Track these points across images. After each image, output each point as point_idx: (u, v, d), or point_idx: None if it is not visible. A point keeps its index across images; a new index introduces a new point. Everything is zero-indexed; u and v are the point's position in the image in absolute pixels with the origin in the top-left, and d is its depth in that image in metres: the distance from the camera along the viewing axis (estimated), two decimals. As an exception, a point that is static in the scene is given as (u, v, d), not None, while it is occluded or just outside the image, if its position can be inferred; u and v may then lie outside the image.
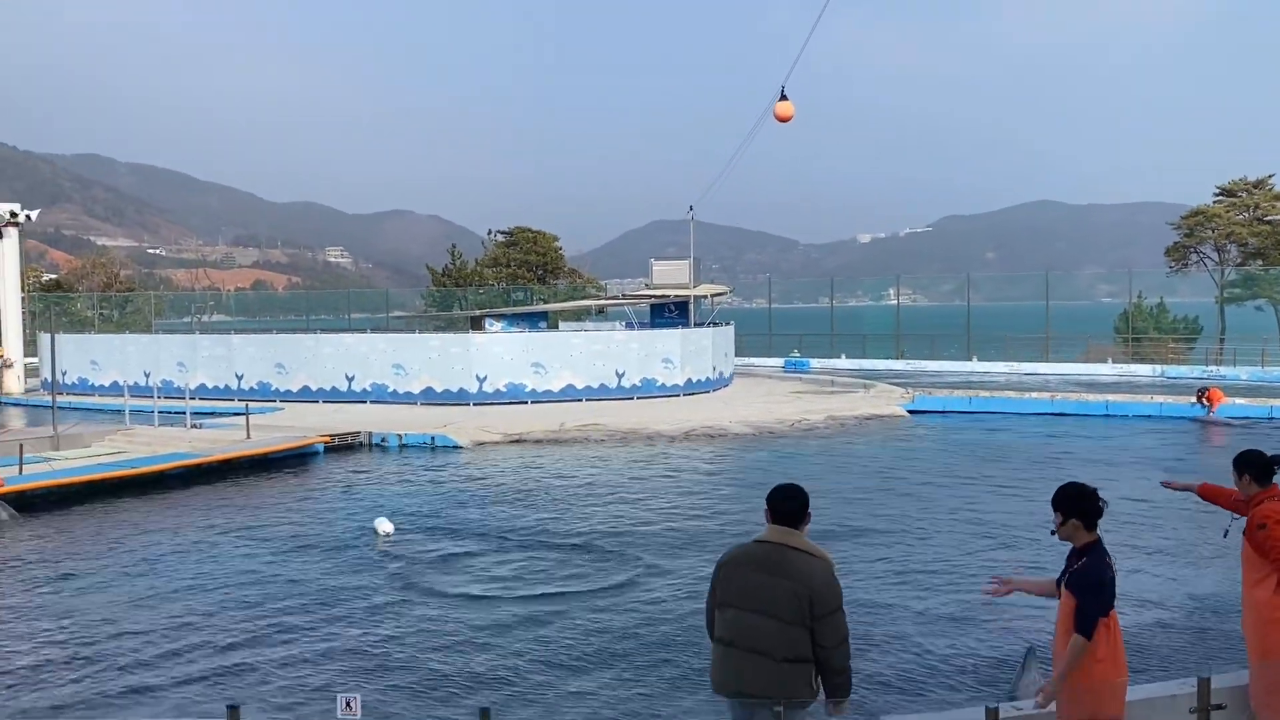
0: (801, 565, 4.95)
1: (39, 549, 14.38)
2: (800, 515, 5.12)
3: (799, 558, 4.98)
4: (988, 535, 14.21)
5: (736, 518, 15.62)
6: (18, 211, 39.47)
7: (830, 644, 4.90)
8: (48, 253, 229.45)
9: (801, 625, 4.87)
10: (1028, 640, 8.84)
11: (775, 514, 5.13)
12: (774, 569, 4.96)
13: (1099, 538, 5.42)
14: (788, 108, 17.09)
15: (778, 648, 4.88)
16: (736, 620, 5.00)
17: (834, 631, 4.91)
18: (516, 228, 66.81)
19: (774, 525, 5.12)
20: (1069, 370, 42.66)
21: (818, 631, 4.88)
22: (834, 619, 4.91)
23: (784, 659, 4.87)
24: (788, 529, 5.08)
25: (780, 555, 5.00)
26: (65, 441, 23.04)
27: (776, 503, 5.15)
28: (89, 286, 69.91)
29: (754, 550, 5.10)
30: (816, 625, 4.88)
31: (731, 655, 5.01)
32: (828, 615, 4.89)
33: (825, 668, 4.94)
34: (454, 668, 9.23)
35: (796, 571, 4.92)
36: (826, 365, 47.51)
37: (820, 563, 5.00)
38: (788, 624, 4.87)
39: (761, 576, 4.97)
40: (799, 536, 5.07)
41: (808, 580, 4.90)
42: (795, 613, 4.86)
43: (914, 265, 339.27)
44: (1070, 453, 22.35)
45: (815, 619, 4.87)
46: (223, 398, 32.66)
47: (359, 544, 14.23)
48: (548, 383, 30.93)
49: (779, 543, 5.04)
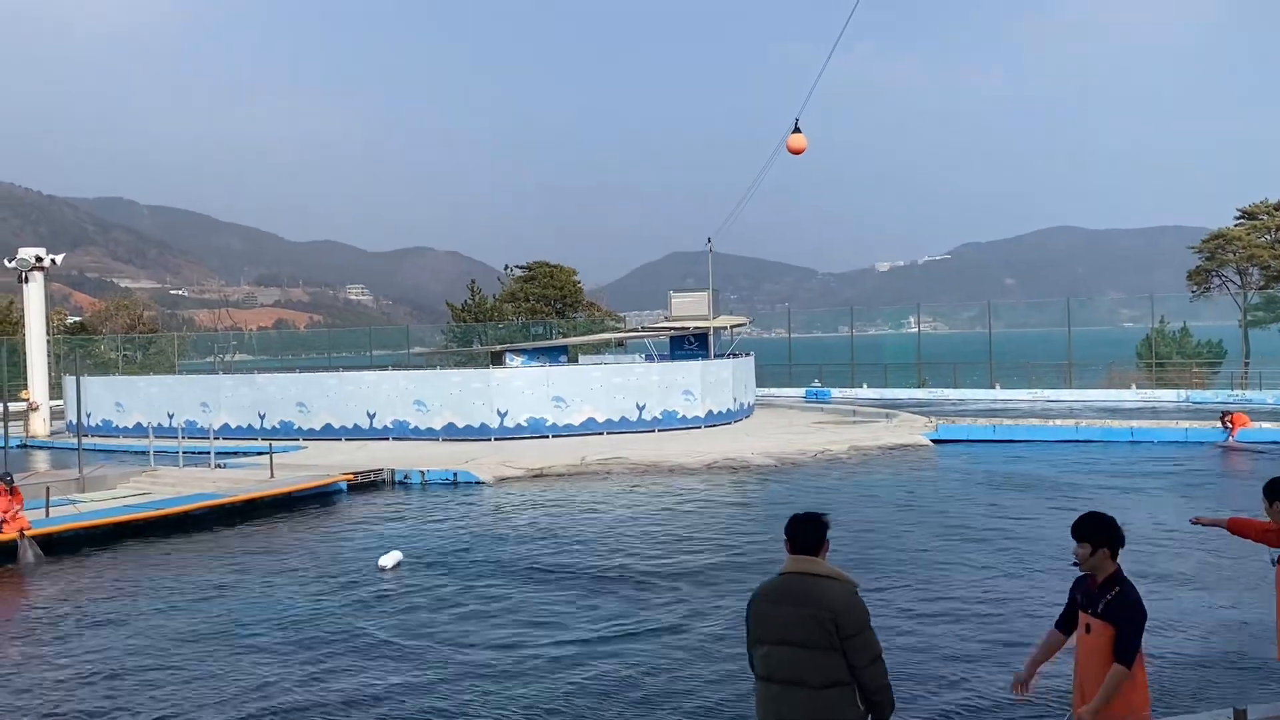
0: (823, 590, 4.97)
1: (64, 591, 14.43)
2: (818, 542, 5.14)
3: (819, 584, 5.00)
4: (1018, 564, 14.08)
5: (764, 548, 15.53)
6: (42, 256, 39.91)
7: (862, 663, 4.90)
8: (72, 295, 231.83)
9: (832, 649, 4.88)
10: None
11: (794, 543, 5.16)
12: (797, 599, 4.99)
13: (1119, 567, 5.39)
14: (801, 140, 17.15)
15: (814, 675, 4.88)
16: (771, 655, 5.02)
17: (864, 651, 4.91)
18: (535, 262, 67.11)
19: (793, 555, 5.15)
20: (1092, 396, 42.39)
21: (849, 653, 4.88)
22: (862, 638, 4.91)
23: (822, 685, 4.88)
24: (807, 557, 5.11)
25: (802, 584, 5.02)
26: (91, 484, 23.18)
27: (794, 532, 5.18)
28: (113, 328, 70.55)
29: (778, 583, 5.13)
30: (846, 646, 4.88)
31: (772, 689, 5.02)
32: (855, 636, 4.89)
33: (862, 687, 4.93)
34: (485, 711, 9.18)
35: (818, 598, 4.94)
36: (848, 395, 47.37)
37: (841, 585, 5.01)
38: (819, 650, 4.88)
39: (787, 608, 4.99)
40: (819, 563, 5.09)
41: (829, 604, 4.91)
42: (823, 638, 4.87)
43: (933, 293, 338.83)
44: (1094, 480, 22.17)
45: (844, 640, 4.87)
46: (246, 437, 32.81)
47: (383, 582, 14.22)
48: (568, 416, 30.95)
49: (800, 572, 5.07)
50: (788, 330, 58.07)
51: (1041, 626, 11.21)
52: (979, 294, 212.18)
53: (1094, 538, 5.41)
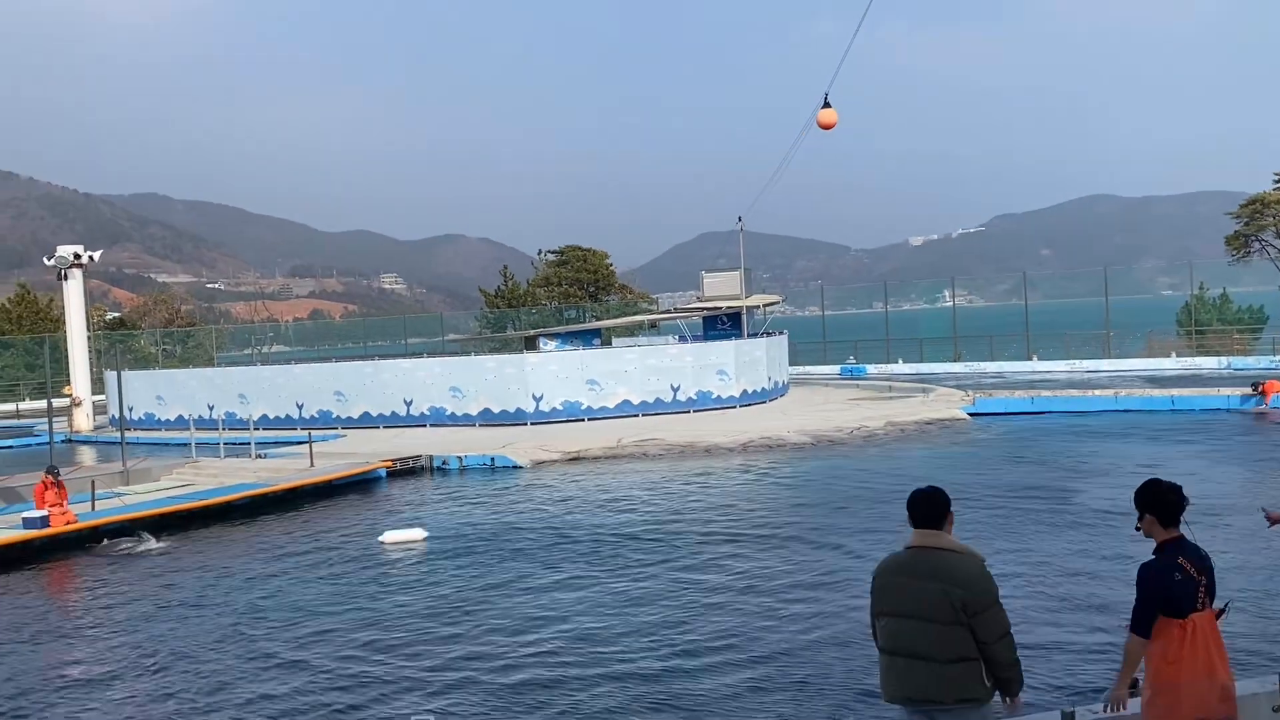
0: (950, 565, 4.95)
1: (115, 581, 14.68)
2: (943, 517, 5.11)
3: (947, 558, 4.98)
4: (1070, 539, 14.00)
5: (815, 527, 15.55)
6: (81, 253, 40.39)
7: (991, 639, 4.88)
8: (111, 291, 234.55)
9: (959, 624, 4.85)
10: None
11: (918, 518, 5.13)
12: (923, 573, 4.97)
13: (1180, 536, 5.24)
14: (831, 115, 17.01)
15: (940, 650, 4.87)
16: (895, 628, 5.02)
17: (993, 626, 4.88)
18: (567, 246, 67.15)
19: (918, 530, 5.12)
20: (1132, 366, 41.95)
21: (977, 628, 4.86)
22: (991, 614, 4.89)
23: (948, 660, 4.86)
24: (933, 531, 5.08)
25: (928, 558, 5.00)
26: (135, 476, 23.51)
27: (918, 506, 5.15)
28: (151, 323, 71.38)
29: (902, 557, 5.11)
30: (974, 622, 4.86)
31: (896, 663, 5.01)
32: (983, 611, 4.87)
33: (991, 663, 4.91)
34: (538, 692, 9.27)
35: (946, 572, 4.92)
36: (883, 370, 47.15)
37: (969, 559, 4.99)
38: (945, 625, 4.86)
39: (912, 581, 4.98)
40: (945, 537, 5.07)
41: (958, 579, 4.89)
42: (950, 613, 4.85)
43: (968, 266, 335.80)
44: (1133, 449, 21.96)
45: (971, 616, 4.85)
46: (285, 427, 33.11)
47: (432, 565, 14.36)
48: (603, 399, 31.01)
49: (926, 546, 5.05)
50: (821, 308, 57.78)
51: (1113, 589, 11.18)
52: (1014, 266, 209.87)
53: (1140, 504, 5.32)
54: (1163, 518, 5.24)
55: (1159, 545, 5.25)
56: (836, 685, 8.98)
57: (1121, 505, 15.94)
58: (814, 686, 8.98)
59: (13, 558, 16.38)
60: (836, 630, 10.44)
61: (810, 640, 10.21)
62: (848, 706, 8.49)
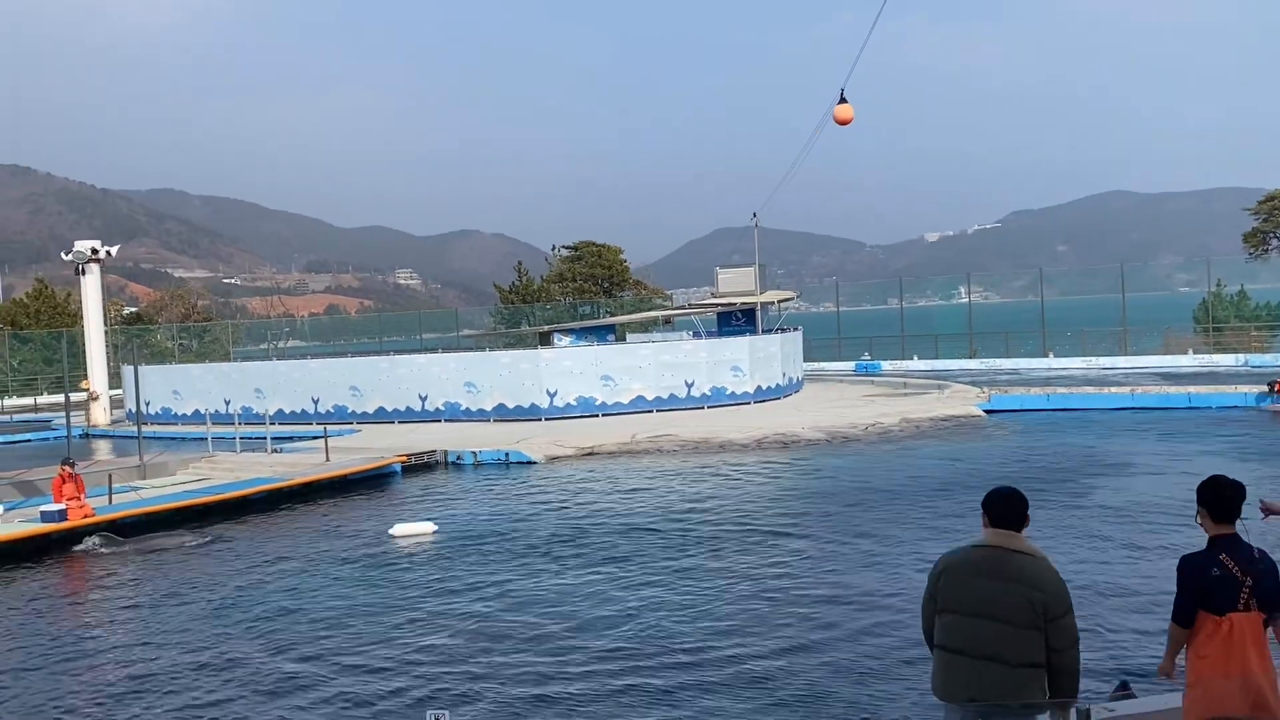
0: (1030, 568, 4.87)
1: (133, 574, 14.78)
2: (1022, 518, 5.02)
3: (1025, 560, 4.89)
4: (1088, 539, 13.96)
5: (829, 524, 15.54)
6: (98, 248, 40.65)
7: (1063, 646, 4.82)
8: (127, 286, 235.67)
9: (1034, 629, 4.79)
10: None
11: (995, 517, 5.02)
12: (1000, 574, 4.87)
13: (1231, 534, 5.18)
14: (847, 110, 16.94)
15: (1012, 653, 4.80)
16: (964, 627, 4.92)
17: (1067, 633, 4.83)
18: (581, 242, 67.15)
19: (994, 529, 5.02)
20: (1148, 363, 41.78)
21: (1051, 634, 4.80)
22: (1066, 621, 4.84)
23: (1019, 664, 4.80)
24: (1009, 532, 4.98)
25: (1006, 559, 4.90)
26: (152, 470, 23.65)
27: (997, 506, 5.04)
28: (168, 318, 71.71)
29: (975, 555, 5.00)
30: (1049, 628, 4.79)
31: (961, 662, 4.92)
32: (1060, 618, 4.81)
33: (1056, 671, 4.85)
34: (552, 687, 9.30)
35: (1025, 575, 4.84)
36: (898, 367, 47.07)
37: (1047, 564, 4.92)
38: (1020, 628, 4.79)
39: (988, 582, 4.88)
40: (1021, 539, 4.97)
41: (1039, 583, 4.82)
42: (1028, 617, 4.78)
43: (983, 262, 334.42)
44: (1149, 446, 21.88)
45: (1048, 622, 4.79)
46: (301, 422, 33.24)
47: (443, 559, 14.41)
48: (617, 395, 31.05)
49: (1002, 546, 4.95)
50: (836, 304, 57.66)
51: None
52: (1031, 262, 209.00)
53: (1198, 498, 5.30)
54: (1214, 513, 5.18)
55: (1209, 539, 5.22)
56: (852, 684, 8.98)
57: (1135, 501, 15.93)
58: (827, 690, 8.98)
59: (31, 550, 16.50)
60: (856, 628, 10.44)
61: (828, 637, 10.21)
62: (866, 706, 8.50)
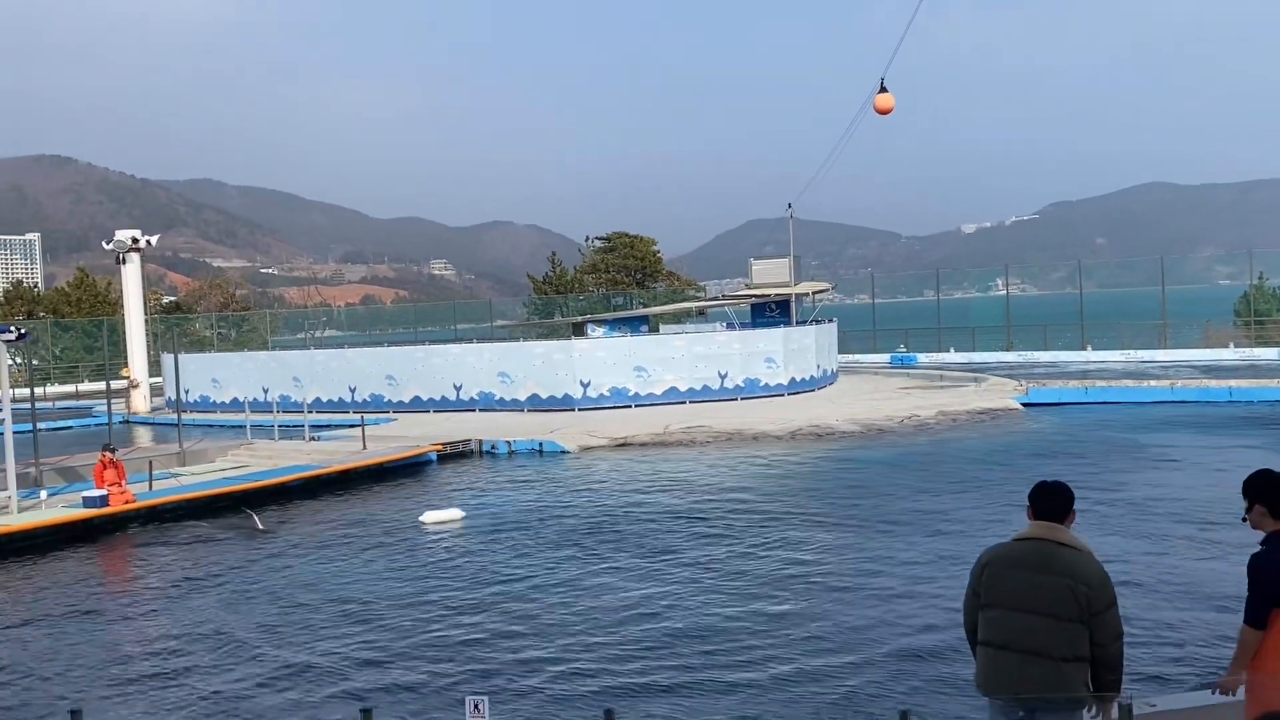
0: (1073, 560, 4.84)
1: (174, 559, 14.97)
2: (1067, 510, 4.99)
3: (1069, 553, 4.86)
4: (1129, 534, 13.84)
5: (867, 517, 15.48)
6: (138, 238, 41.10)
7: (1106, 640, 4.80)
8: (167, 276, 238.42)
9: (1079, 622, 4.77)
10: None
11: (1040, 510, 4.99)
12: (1044, 566, 4.84)
13: None
14: (888, 100, 16.85)
15: (1056, 647, 4.78)
16: (1008, 621, 4.88)
17: (1113, 626, 4.81)
18: (614, 233, 67.19)
19: (1038, 521, 4.99)
20: (1188, 356, 41.27)
21: (1095, 627, 4.78)
22: (1111, 613, 4.81)
23: (1063, 658, 4.78)
24: (1053, 524, 4.95)
25: (1050, 551, 4.87)
26: (191, 457, 23.92)
27: (1041, 498, 5.02)
28: (207, 307, 72.50)
29: (1018, 549, 4.96)
30: (1094, 621, 4.77)
31: (1007, 657, 4.89)
32: (1105, 611, 4.78)
33: (1101, 664, 4.83)
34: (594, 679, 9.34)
35: (1070, 567, 4.81)
36: (934, 359, 46.76)
37: (1091, 557, 4.88)
38: (1065, 622, 4.77)
39: (1032, 575, 4.85)
40: (1065, 532, 4.94)
41: (1084, 576, 4.79)
42: (1073, 610, 4.76)
43: (1021, 254, 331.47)
44: (1189, 440, 21.63)
45: (1093, 615, 4.76)
46: (338, 410, 33.53)
47: (485, 547, 14.49)
48: (650, 386, 31.05)
49: (1046, 539, 4.91)
50: (871, 295, 57.40)
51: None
52: (1069, 254, 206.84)
53: (1249, 492, 5.18)
54: (1273, 508, 5.09)
55: (1268, 536, 5.11)
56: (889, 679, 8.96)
57: (1174, 495, 15.76)
58: (865, 682, 8.96)
59: (74, 535, 16.75)
60: (893, 624, 10.41)
61: (864, 631, 10.18)
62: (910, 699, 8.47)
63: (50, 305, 65.99)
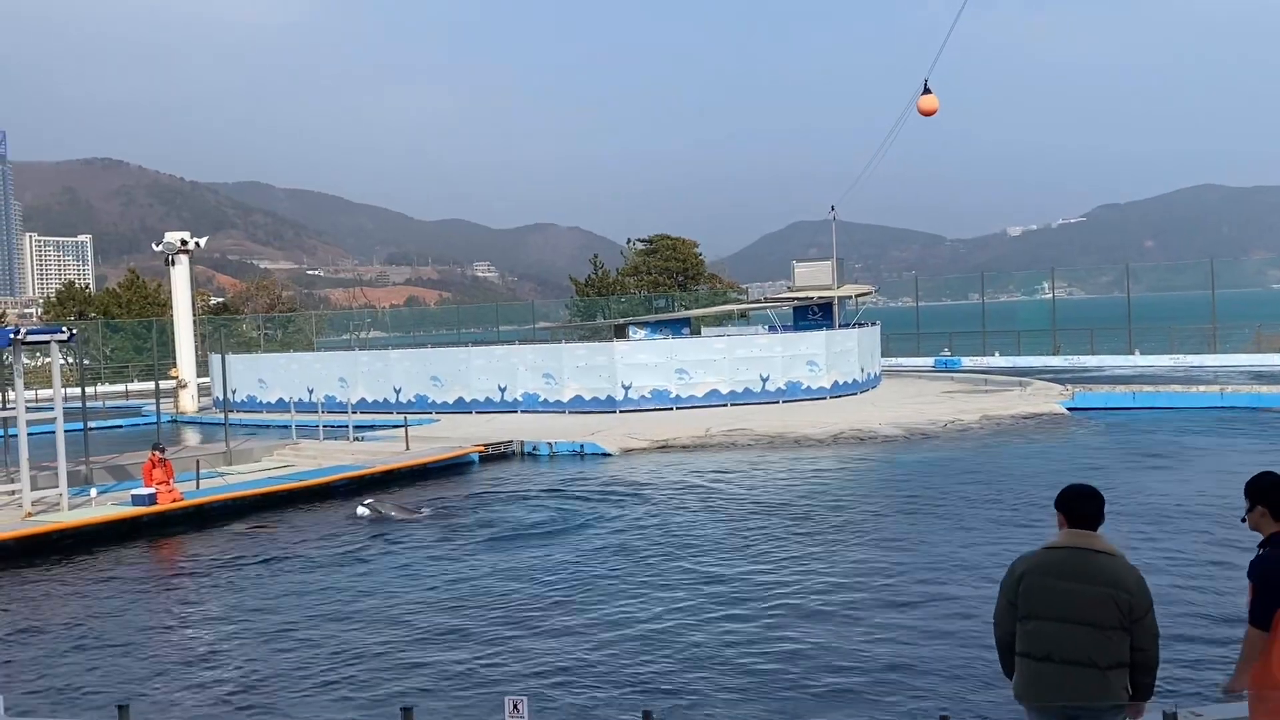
0: (1111, 568, 4.79)
1: (219, 556, 15.17)
2: (1099, 517, 4.93)
3: (1106, 560, 4.81)
4: (1166, 541, 13.65)
5: (909, 522, 15.39)
6: (187, 240, 41.70)
7: (1146, 644, 4.77)
8: (215, 277, 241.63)
9: (1120, 629, 4.73)
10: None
11: (1073, 517, 4.92)
12: (1083, 575, 4.78)
13: None
14: (932, 101, 16.74)
15: (1100, 655, 4.74)
16: (1051, 632, 4.81)
17: (1149, 631, 4.78)
18: (656, 235, 67.25)
19: (1071, 529, 4.92)
20: (1239, 361, 40.61)
21: (1135, 633, 4.74)
22: (1150, 619, 4.78)
23: (1108, 666, 4.74)
24: (1087, 532, 4.89)
25: (1087, 560, 4.81)
26: (237, 457, 24.22)
27: (1073, 505, 4.94)
28: (254, 308, 73.41)
29: (1054, 558, 4.89)
30: (1135, 627, 4.74)
31: (1050, 670, 4.82)
32: (1144, 616, 4.75)
33: (1138, 668, 4.80)
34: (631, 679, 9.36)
35: (1108, 575, 4.76)
36: (979, 363, 46.35)
37: (1127, 563, 4.84)
38: (1107, 630, 4.72)
39: (1070, 584, 4.79)
40: (1100, 538, 4.88)
41: (1123, 583, 4.75)
42: (1114, 617, 4.72)
43: (1068, 257, 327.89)
44: (1235, 446, 21.27)
45: (1134, 620, 4.73)
46: (382, 411, 33.82)
47: (523, 548, 14.56)
48: (692, 388, 31.05)
49: (1081, 547, 4.85)
50: (915, 298, 57.01)
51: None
52: (1117, 257, 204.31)
53: (1251, 494, 5.13)
54: (1275, 510, 5.04)
55: (1267, 538, 5.07)
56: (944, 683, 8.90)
57: (1221, 503, 15.50)
58: (904, 687, 8.91)
59: (123, 533, 17.03)
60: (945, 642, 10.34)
61: (905, 635, 10.13)
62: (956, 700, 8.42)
63: (101, 306, 67.10)
